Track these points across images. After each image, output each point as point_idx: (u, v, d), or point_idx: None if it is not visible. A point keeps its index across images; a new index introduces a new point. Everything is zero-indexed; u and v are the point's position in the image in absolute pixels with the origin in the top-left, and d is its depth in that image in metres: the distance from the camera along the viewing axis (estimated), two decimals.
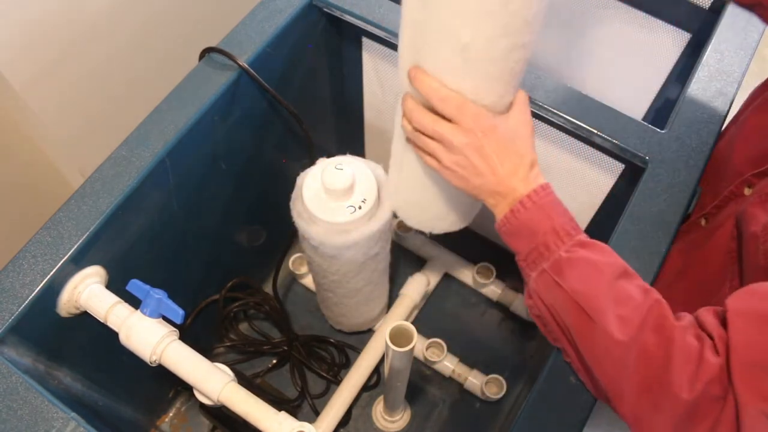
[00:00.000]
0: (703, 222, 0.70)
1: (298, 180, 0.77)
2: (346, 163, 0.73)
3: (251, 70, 0.77)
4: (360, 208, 0.73)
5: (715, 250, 0.67)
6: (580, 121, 0.76)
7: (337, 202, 0.73)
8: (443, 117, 0.55)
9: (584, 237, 0.55)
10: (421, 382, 1.07)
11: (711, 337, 0.48)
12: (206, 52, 0.79)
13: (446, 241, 1.13)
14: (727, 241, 0.64)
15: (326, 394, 1.05)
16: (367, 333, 1.08)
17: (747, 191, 0.64)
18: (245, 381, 0.89)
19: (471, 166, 0.55)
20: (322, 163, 0.76)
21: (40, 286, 0.64)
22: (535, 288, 0.55)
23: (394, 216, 0.78)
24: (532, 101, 0.78)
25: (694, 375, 0.47)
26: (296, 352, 1.04)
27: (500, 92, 0.54)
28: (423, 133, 0.57)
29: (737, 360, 0.45)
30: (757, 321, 0.46)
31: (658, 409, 0.49)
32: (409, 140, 0.60)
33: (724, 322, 0.48)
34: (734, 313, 0.47)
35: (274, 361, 1.06)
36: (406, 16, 0.53)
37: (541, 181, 0.57)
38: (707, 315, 0.50)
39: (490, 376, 1.01)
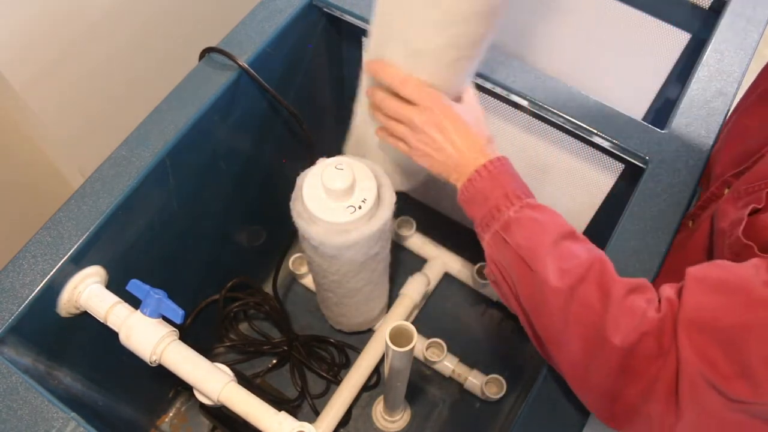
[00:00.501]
0: (690, 223, 0.70)
1: (298, 180, 0.77)
2: (346, 163, 0.73)
3: (251, 70, 0.77)
4: (360, 208, 0.73)
5: (695, 249, 0.67)
6: (580, 121, 0.76)
7: (337, 202, 0.73)
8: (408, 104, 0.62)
9: (534, 201, 0.58)
10: (421, 382, 1.07)
11: (659, 301, 0.49)
12: (206, 52, 0.79)
13: (446, 241, 1.13)
14: (704, 240, 0.66)
15: (326, 394, 1.05)
16: (367, 333, 1.08)
17: (726, 192, 0.64)
18: (245, 381, 0.89)
19: (432, 141, 0.62)
20: (322, 163, 0.76)
21: (40, 286, 0.64)
22: (489, 252, 0.59)
23: (395, 216, 0.78)
24: (532, 101, 0.78)
25: (629, 326, 0.48)
26: (296, 352, 1.04)
27: (450, 84, 0.63)
28: (393, 119, 0.65)
29: (684, 318, 0.46)
30: (709, 285, 0.47)
31: (593, 360, 0.50)
32: (380, 130, 0.68)
33: (680, 293, 0.49)
34: (691, 278, 0.49)
35: (274, 361, 1.06)
36: (374, 22, 0.64)
37: (498, 154, 0.61)
38: (668, 287, 0.51)
39: (490, 376, 1.01)
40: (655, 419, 0.49)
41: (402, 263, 1.15)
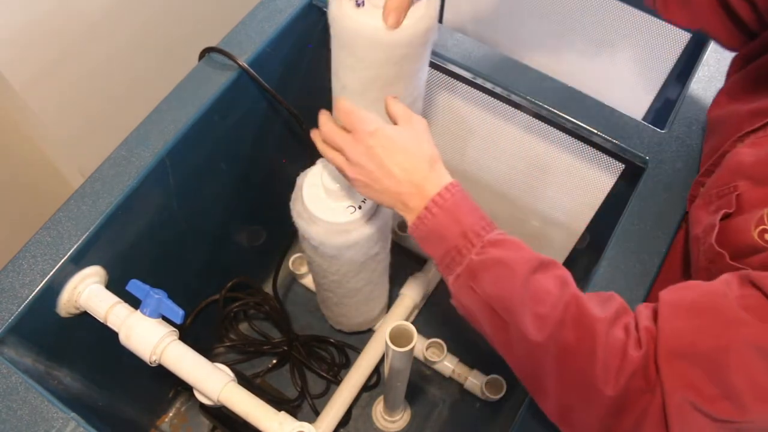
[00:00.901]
0: (684, 225, 0.70)
1: (298, 180, 0.77)
2: None
3: (251, 70, 0.77)
4: (360, 208, 0.73)
5: (675, 253, 0.68)
6: (580, 121, 0.76)
7: (337, 202, 0.73)
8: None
9: (495, 235, 0.53)
10: (421, 382, 1.07)
11: (638, 330, 0.48)
12: (206, 52, 0.79)
13: None
14: (682, 244, 0.66)
15: (326, 394, 1.05)
16: (367, 333, 1.08)
17: (701, 190, 0.64)
18: (245, 381, 0.89)
19: (368, 173, 0.56)
20: (322, 163, 0.76)
21: (40, 286, 0.64)
22: (454, 293, 0.55)
23: (394, 216, 0.78)
24: (532, 101, 0.78)
25: (618, 369, 0.47)
26: (296, 352, 1.04)
27: (384, 115, 0.60)
28: (330, 146, 0.60)
29: (663, 348, 0.45)
30: (683, 310, 0.46)
31: (583, 405, 0.49)
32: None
33: (656, 315, 0.48)
34: (664, 304, 0.48)
35: (274, 361, 1.06)
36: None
37: (446, 180, 0.55)
38: (644, 309, 0.50)
39: (490, 376, 1.01)
40: None
41: (402, 263, 1.15)
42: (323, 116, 0.61)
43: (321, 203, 0.73)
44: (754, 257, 0.50)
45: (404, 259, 1.15)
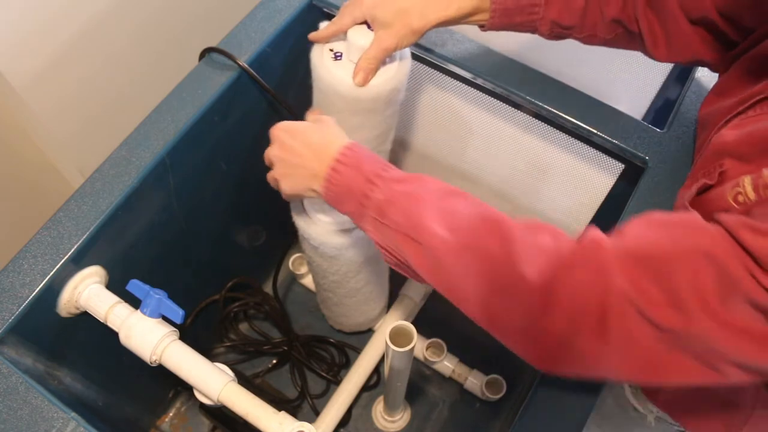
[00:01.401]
0: None
1: None
2: None
3: (251, 70, 0.77)
4: None
5: None
6: (580, 121, 0.76)
7: None
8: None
9: (396, 173, 0.56)
10: (421, 382, 1.07)
11: (580, 241, 0.49)
12: (206, 52, 0.79)
13: None
14: None
15: (326, 394, 1.05)
16: (367, 333, 1.08)
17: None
18: (245, 381, 0.89)
19: (286, 164, 0.61)
20: None
21: (40, 286, 0.64)
22: (374, 238, 0.57)
23: None
24: (532, 101, 0.78)
25: (542, 263, 0.48)
26: (296, 352, 1.04)
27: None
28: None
29: (624, 247, 0.46)
30: (653, 222, 0.48)
31: (512, 304, 0.50)
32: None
33: (619, 234, 0.49)
34: (636, 218, 0.49)
35: (274, 361, 1.06)
36: None
37: (346, 142, 0.59)
38: (595, 229, 0.51)
39: (490, 376, 1.01)
40: (585, 353, 0.49)
41: None
42: None
43: (321, 203, 0.73)
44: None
45: None
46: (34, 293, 0.64)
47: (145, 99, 0.78)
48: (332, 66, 0.69)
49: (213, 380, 0.66)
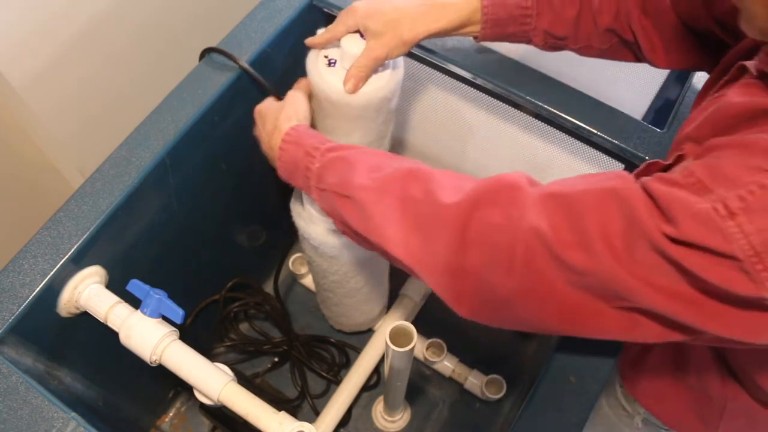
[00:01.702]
0: None
1: None
2: None
3: (251, 70, 0.77)
4: None
5: None
6: (580, 121, 0.76)
7: None
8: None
9: (333, 144, 0.61)
10: (421, 382, 1.07)
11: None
12: (206, 52, 0.79)
13: None
14: None
15: (326, 394, 1.05)
16: (367, 333, 1.08)
17: None
18: (245, 381, 0.89)
19: (260, 143, 0.69)
20: None
21: (40, 286, 0.64)
22: (320, 206, 0.61)
23: None
24: (532, 101, 0.78)
25: (461, 196, 0.51)
26: (296, 352, 1.04)
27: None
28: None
29: (548, 189, 0.49)
30: (583, 175, 0.51)
31: (432, 236, 0.52)
32: None
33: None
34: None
35: (275, 361, 1.06)
36: None
37: (293, 123, 0.65)
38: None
39: (490, 376, 1.01)
40: (501, 294, 0.50)
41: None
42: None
43: None
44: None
45: None
46: (34, 293, 0.64)
47: (145, 99, 0.78)
48: (325, 72, 0.71)
49: (213, 380, 0.66)
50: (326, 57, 0.72)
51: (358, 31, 0.70)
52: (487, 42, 0.73)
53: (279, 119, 0.66)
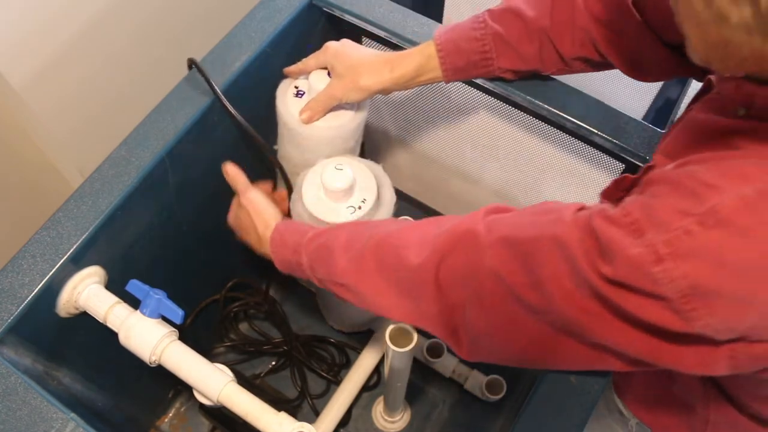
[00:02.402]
0: None
1: (298, 180, 0.77)
2: (346, 163, 0.73)
3: (223, 98, 0.74)
4: (360, 208, 0.73)
5: None
6: (580, 121, 0.76)
7: (337, 202, 0.73)
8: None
9: (312, 233, 0.65)
10: (421, 382, 1.07)
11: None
12: (190, 64, 0.77)
13: None
14: None
15: (326, 394, 1.05)
16: (367, 333, 1.08)
17: None
18: (245, 381, 0.89)
19: (242, 230, 0.75)
20: (322, 163, 0.76)
21: (39, 287, 0.64)
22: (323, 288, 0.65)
23: (394, 216, 0.78)
24: (532, 101, 0.78)
25: (429, 254, 0.55)
26: (296, 352, 1.04)
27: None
28: None
29: (503, 233, 0.51)
30: (533, 209, 0.53)
31: (415, 299, 0.57)
32: None
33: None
34: (522, 208, 0.55)
35: (274, 362, 1.06)
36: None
37: (273, 225, 0.70)
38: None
39: (490, 376, 1.01)
40: (481, 333, 0.54)
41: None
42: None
43: (321, 203, 0.73)
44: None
45: None
46: (33, 293, 0.64)
47: (145, 99, 0.78)
48: (291, 101, 0.77)
49: (213, 380, 0.65)
50: (296, 87, 0.78)
51: (326, 68, 0.75)
52: None
53: (258, 230, 0.70)
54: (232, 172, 0.75)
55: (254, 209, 0.72)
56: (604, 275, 0.44)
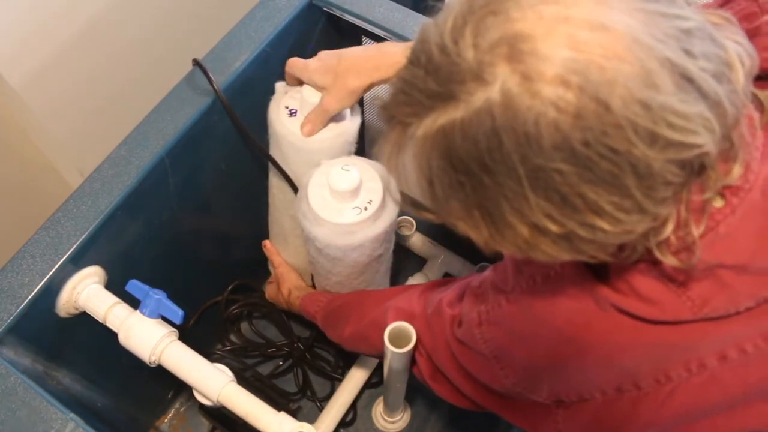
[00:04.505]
0: None
1: (303, 180, 0.77)
2: (353, 164, 0.73)
3: (224, 99, 0.75)
4: (366, 209, 0.72)
5: None
6: None
7: (343, 203, 0.72)
8: None
9: (317, 305, 0.83)
10: (421, 382, 1.06)
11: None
12: (194, 63, 0.77)
13: (446, 241, 1.13)
14: None
15: (329, 395, 1.05)
16: None
17: None
18: (245, 381, 0.88)
19: (275, 294, 0.96)
20: (329, 163, 0.76)
21: (38, 287, 0.64)
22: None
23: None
24: None
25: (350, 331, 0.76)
26: (297, 353, 1.04)
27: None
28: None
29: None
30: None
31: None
32: None
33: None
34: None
35: (275, 362, 1.06)
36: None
37: (302, 294, 0.89)
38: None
39: None
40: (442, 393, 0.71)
41: (402, 263, 1.15)
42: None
43: (327, 204, 0.73)
44: None
45: (404, 259, 1.15)
46: (33, 293, 0.64)
47: (145, 99, 0.78)
48: (287, 120, 0.76)
49: (212, 381, 0.65)
50: (287, 107, 0.77)
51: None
52: None
53: (284, 296, 0.91)
54: (271, 247, 0.94)
55: (281, 281, 0.91)
56: (456, 336, 0.59)
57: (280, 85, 0.79)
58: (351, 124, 0.78)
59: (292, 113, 0.77)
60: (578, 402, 0.50)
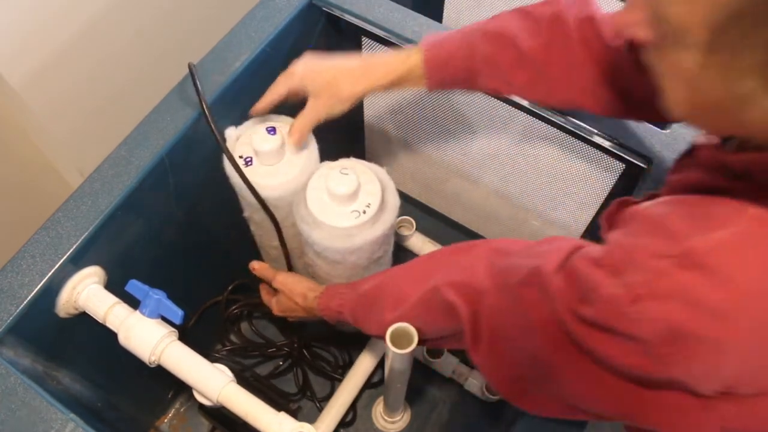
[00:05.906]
0: None
1: (302, 183, 0.76)
2: (351, 167, 0.73)
3: (208, 114, 0.71)
4: (364, 212, 0.72)
5: None
6: (580, 121, 0.76)
7: (342, 206, 0.72)
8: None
9: (346, 296, 0.73)
10: (421, 382, 1.07)
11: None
12: (189, 68, 0.77)
13: (446, 241, 1.13)
14: None
15: (329, 395, 1.05)
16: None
17: None
18: (245, 382, 0.88)
19: (287, 309, 0.84)
20: (327, 166, 0.75)
21: (38, 287, 0.64)
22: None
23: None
24: (532, 101, 0.77)
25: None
26: (298, 353, 1.04)
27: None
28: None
29: (495, 282, 0.55)
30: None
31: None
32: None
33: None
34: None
35: (275, 362, 1.06)
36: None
37: (319, 292, 0.78)
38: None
39: None
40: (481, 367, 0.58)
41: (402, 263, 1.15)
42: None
43: (325, 207, 0.73)
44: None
45: (404, 259, 1.15)
46: (33, 293, 0.64)
47: (145, 99, 0.78)
48: (248, 172, 0.74)
49: (212, 381, 0.65)
50: (241, 157, 0.75)
51: (268, 127, 0.75)
52: None
53: (300, 303, 0.80)
54: (259, 266, 0.86)
55: (289, 290, 0.81)
56: (583, 317, 0.44)
57: (230, 131, 0.77)
58: (310, 155, 0.77)
59: (248, 162, 0.75)
60: (755, 395, 0.42)
